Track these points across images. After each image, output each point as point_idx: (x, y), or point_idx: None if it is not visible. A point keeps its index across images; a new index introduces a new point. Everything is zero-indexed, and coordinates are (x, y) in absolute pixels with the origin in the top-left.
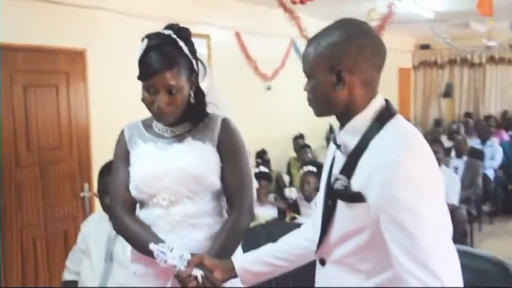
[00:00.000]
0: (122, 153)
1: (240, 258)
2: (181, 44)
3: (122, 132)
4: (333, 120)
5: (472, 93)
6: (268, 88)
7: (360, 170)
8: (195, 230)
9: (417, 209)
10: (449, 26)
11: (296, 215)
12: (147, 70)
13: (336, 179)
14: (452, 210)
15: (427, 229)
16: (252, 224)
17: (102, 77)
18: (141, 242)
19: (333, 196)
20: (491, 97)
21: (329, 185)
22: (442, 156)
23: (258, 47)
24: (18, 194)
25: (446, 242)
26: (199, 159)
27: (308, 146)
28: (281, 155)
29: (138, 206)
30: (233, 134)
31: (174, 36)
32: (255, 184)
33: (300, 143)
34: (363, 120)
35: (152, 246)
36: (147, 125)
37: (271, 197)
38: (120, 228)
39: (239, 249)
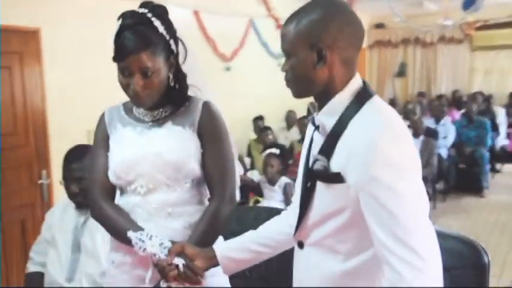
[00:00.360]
0: (102, 137)
1: (221, 246)
2: (157, 23)
3: (103, 115)
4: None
5: (424, 72)
6: (227, 69)
7: (339, 151)
8: (174, 218)
9: (396, 187)
10: (403, 5)
11: (259, 198)
12: (120, 51)
13: (316, 160)
14: None
15: (407, 207)
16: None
17: (58, 58)
18: (119, 229)
19: (312, 177)
20: (442, 77)
21: (307, 166)
22: None
23: (217, 27)
24: None
25: (425, 219)
26: (178, 145)
27: (269, 128)
28: (241, 137)
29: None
30: (215, 118)
31: (149, 15)
32: (239, 170)
33: (260, 125)
34: (341, 100)
35: (130, 234)
36: (127, 108)
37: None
38: (98, 215)
39: (220, 237)
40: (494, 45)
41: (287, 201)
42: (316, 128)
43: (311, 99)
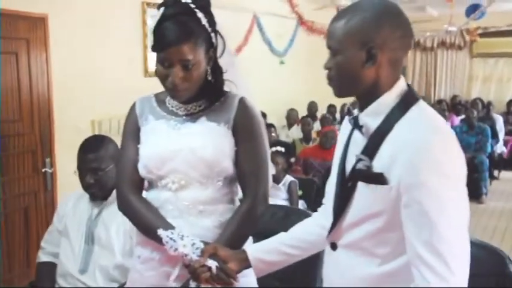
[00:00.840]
0: (132, 128)
1: (253, 248)
2: (200, 14)
3: (134, 105)
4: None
5: (424, 77)
6: None
7: (383, 152)
8: (205, 216)
9: (443, 196)
10: (406, 9)
11: None
12: (161, 41)
13: (359, 160)
14: None
15: (449, 218)
16: None
17: (64, 45)
18: (149, 226)
19: (354, 177)
20: (442, 82)
21: (343, 166)
22: None
23: (221, 22)
24: None
25: (464, 232)
26: (213, 141)
27: (272, 125)
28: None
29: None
30: (251, 116)
31: (193, 5)
32: (271, 169)
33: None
34: (387, 101)
35: (161, 232)
36: (160, 100)
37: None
38: (126, 209)
39: (249, 238)
40: (493, 52)
41: (291, 200)
42: (359, 127)
43: (312, 96)
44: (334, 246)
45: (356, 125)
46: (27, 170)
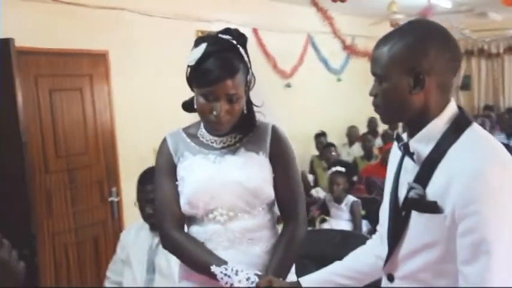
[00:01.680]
0: (167, 166)
1: (307, 280)
2: (242, 50)
3: (165, 142)
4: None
5: (490, 84)
6: (288, 85)
7: (436, 179)
8: (254, 244)
9: (501, 226)
10: (466, 16)
11: (326, 217)
12: (207, 76)
13: (411, 188)
14: None
15: (505, 248)
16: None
17: (125, 78)
18: (200, 262)
19: (407, 206)
20: (511, 89)
21: (395, 194)
22: None
23: (276, 44)
24: (48, 200)
25: None
26: (255, 171)
27: (332, 144)
28: (303, 153)
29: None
30: (284, 143)
31: (234, 42)
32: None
33: (322, 141)
34: (437, 127)
35: (215, 269)
36: (190, 134)
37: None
38: (173, 247)
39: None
40: None
41: (355, 220)
42: (409, 154)
43: (372, 112)
44: (391, 278)
45: (407, 151)
46: (95, 201)
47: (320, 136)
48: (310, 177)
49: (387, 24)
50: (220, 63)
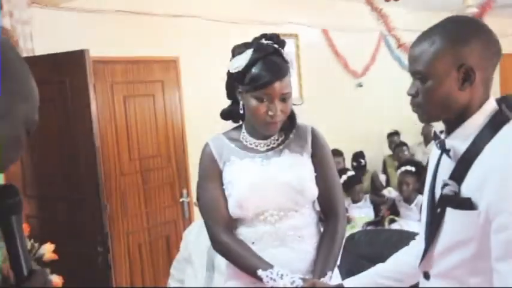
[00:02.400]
0: (212, 171)
1: (351, 282)
2: (284, 53)
3: (207, 148)
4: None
5: None
6: (360, 85)
7: (471, 176)
8: (303, 241)
9: None
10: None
11: (395, 217)
12: (261, 79)
13: (445, 185)
14: None
15: None
16: (352, 230)
17: (195, 83)
18: (247, 265)
19: (442, 203)
20: None
21: (433, 191)
22: None
23: (347, 44)
24: (123, 201)
25: None
26: (301, 171)
27: (405, 144)
28: (376, 153)
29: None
30: (323, 143)
31: (276, 46)
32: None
33: (395, 140)
34: (475, 123)
35: (261, 273)
36: (233, 139)
37: (366, 197)
38: (222, 250)
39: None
40: None
41: None
42: (446, 151)
43: None
44: (427, 276)
45: (443, 149)
46: (167, 201)
47: (393, 135)
48: (383, 177)
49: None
50: (271, 67)
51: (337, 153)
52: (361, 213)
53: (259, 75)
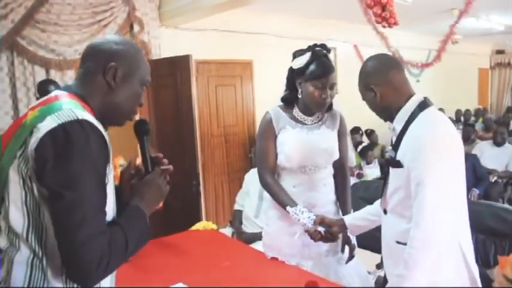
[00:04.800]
0: (269, 133)
1: (349, 217)
2: (330, 56)
3: (268, 115)
4: None
5: None
6: None
7: (402, 145)
8: (327, 187)
9: (432, 173)
10: None
11: None
12: (321, 71)
13: (386, 152)
14: None
15: (428, 194)
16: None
17: (263, 79)
18: (281, 201)
19: (386, 164)
20: None
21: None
22: (506, 136)
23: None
24: (212, 154)
25: (444, 209)
26: (333, 142)
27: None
28: (385, 131)
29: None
30: (345, 124)
31: (325, 51)
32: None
33: None
34: (404, 112)
35: (289, 209)
36: (288, 112)
37: (375, 160)
38: (265, 187)
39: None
40: None
41: None
42: (393, 129)
43: (453, 107)
44: (385, 212)
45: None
46: (240, 155)
47: None
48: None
49: None
50: (324, 64)
51: (356, 129)
52: (371, 172)
53: (317, 70)
